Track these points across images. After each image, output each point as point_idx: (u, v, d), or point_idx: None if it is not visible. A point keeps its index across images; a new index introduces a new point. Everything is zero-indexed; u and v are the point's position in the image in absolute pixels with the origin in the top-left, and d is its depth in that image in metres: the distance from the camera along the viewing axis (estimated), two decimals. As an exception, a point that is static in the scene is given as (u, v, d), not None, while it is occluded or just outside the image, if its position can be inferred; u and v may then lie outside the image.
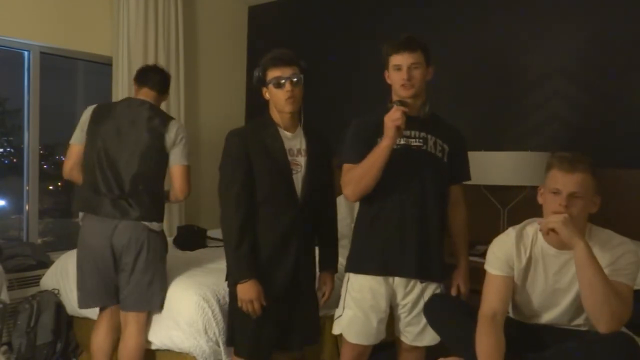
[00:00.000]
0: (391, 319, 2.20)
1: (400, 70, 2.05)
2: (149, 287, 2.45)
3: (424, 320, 2.11)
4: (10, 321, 2.84)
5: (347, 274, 2.20)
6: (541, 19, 3.28)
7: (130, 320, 2.47)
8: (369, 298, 2.11)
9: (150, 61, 3.89)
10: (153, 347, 2.54)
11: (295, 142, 2.19)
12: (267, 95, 2.17)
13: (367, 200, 2.14)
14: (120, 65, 3.78)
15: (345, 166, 2.13)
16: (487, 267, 1.96)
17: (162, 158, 2.50)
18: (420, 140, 2.11)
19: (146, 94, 2.58)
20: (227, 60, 4.65)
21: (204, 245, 3.34)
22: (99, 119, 2.49)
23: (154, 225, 2.47)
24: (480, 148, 3.13)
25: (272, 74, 2.10)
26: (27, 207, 3.58)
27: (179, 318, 2.39)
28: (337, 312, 2.22)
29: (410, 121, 2.03)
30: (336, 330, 2.21)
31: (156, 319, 2.50)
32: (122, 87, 3.77)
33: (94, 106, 2.56)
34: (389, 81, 2.13)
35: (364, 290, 2.12)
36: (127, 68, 3.78)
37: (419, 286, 2.11)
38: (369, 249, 2.14)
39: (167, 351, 2.49)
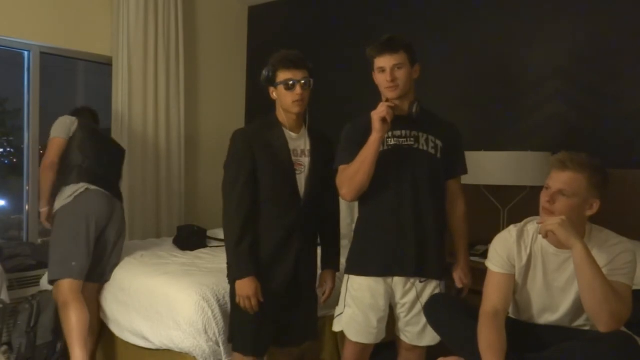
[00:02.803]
0: (391, 318, 2.20)
1: (385, 72, 2.06)
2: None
3: (423, 320, 2.11)
4: (10, 321, 2.84)
5: (346, 275, 2.21)
6: (541, 18, 3.28)
7: (95, 292, 2.82)
8: (368, 297, 2.12)
9: (151, 61, 3.90)
10: (153, 347, 2.54)
11: (299, 143, 2.21)
12: (274, 95, 2.18)
13: (364, 202, 2.15)
14: (120, 65, 3.78)
15: (340, 168, 2.13)
16: (488, 264, 1.97)
17: None
18: (412, 139, 2.11)
19: None
20: (227, 60, 4.65)
21: (204, 245, 3.34)
22: (85, 121, 2.93)
23: None
24: (480, 148, 3.12)
25: (283, 75, 2.11)
26: (27, 207, 3.58)
27: (179, 318, 2.39)
28: (338, 309, 2.23)
29: (401, 121, 2.04)
30: (336, 327, 2.22)
31: (156, 319, 2.50)
32: (122, 87, 3.77)
33: (72, 117, 2.92)
34: (376, 82, 2.14)
35: (363, 289, 2.13)
36: (127, 68, 3.79)
37: (417, 285, 2.12)
38: (367, 250, 2.14)
39: (167, 351, 2.49)
